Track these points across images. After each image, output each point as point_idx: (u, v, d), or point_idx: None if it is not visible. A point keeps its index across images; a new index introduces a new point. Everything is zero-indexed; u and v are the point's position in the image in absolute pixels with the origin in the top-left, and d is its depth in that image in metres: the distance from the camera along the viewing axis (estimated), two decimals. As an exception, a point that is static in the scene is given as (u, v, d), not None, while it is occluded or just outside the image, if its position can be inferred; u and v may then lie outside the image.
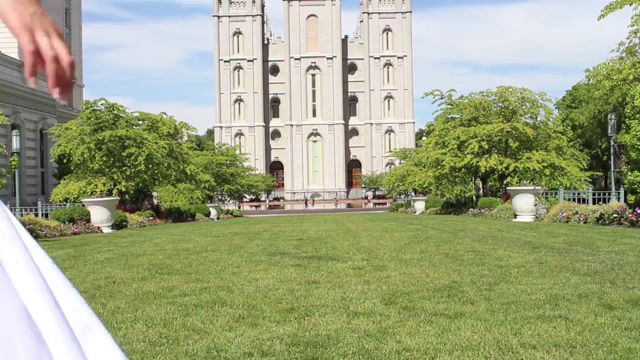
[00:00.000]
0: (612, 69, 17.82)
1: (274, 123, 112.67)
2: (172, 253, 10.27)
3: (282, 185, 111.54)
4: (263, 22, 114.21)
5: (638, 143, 25.98)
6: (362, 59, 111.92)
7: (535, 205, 21.09)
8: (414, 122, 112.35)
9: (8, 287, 1.07)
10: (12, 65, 40.02)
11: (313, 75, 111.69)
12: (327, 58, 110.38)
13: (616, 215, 16.11)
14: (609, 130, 29.88)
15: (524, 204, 21.11)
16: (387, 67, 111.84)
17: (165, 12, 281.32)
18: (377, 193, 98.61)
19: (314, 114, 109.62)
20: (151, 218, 27.50)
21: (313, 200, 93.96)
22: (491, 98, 31.14)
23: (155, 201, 39.30)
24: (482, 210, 27.07)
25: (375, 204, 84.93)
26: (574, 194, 26.08)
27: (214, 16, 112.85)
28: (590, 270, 6.69)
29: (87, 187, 29.11)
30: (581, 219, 17.63)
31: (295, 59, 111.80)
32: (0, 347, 1.02)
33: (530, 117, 31.31)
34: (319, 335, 3.93)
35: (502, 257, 8.27)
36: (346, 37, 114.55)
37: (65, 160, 31.58)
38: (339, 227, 17.87)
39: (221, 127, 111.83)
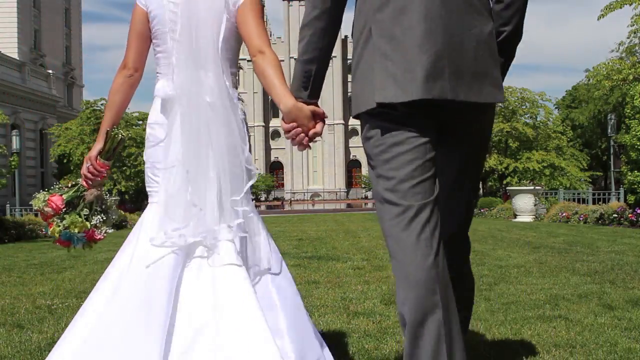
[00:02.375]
0: (612, 69, 17.84)
1: (274, 123, 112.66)
2: (172, 253, 10.25)
3: (282, 185, 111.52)
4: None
5: (638, 143, 25.98)
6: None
7: (535, 205, 21.08)
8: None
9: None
10: (12, 65, 39.99)
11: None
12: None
13: (616, 215, 16.11)
14: (609, 130, 29.83)
15: (524, 204, 21.11)
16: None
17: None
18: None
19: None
20: (151, 218, 27.50)
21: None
22: (491, 98, 31.13)
23: (155, 201, 39.34)
24: (481, 210, 27.05)
25: (375, 203, 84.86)
26: (573, 194, 26.06)
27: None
28: (590, 270, 6.69)
29: (87, 187, 29.15)
30: (581, 219, 17.62)
31: (295, 59, 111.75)
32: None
33: (530, 117, 31.34)
34: (319, 335, 3.93)
35: (502, 257, 8.26)
36: (346, 37, 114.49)
37: (65, 160, 31.59)
38: (339, 227, 17.86)
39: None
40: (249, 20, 2.47)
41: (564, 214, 18.77)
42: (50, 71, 45.64)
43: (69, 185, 2.69)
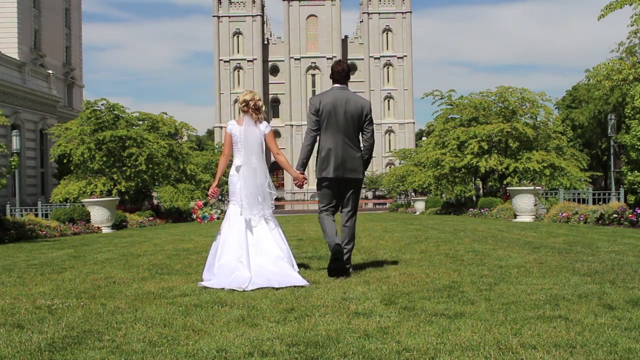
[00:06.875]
0: (612, 69, 17.81)
1: (274, 123, 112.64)
2: (172, 253, 10.28)
3: (282, 185, 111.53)
4: (263, 22, 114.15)
5: (638, 143, 25.96)
6: (362, 59, 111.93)
7: (535, 205, 21.07)
8: (414, 122, 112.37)
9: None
10: (12, 65, 39.98)
11: (313, 75, 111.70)
12: (327, 58, 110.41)
13: (616, 215, 16.10)
14: (609, 130, 29.85)
15: (524, 204, 21.10)
16: (387, 67, 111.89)
17: (165, 12, 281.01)
18: (377, 193, 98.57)
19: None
20: (151, 218, 27.47)
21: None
22: (491, 98, 31.06)
23: (155, 201, 39.27)
24: (482, 210, 27.06)
25: (375, 204, 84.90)
26: (574, 194, 26.06)
27: (213, 16, 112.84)
28: (590, 270, 6.69)
29: (87, 187, 29.04)
30: (581, 219, 17.62)
31: (295, 59, 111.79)
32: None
33: (530, 117, 31.23)
34: (319, 335, 3.94)
35: (502, 257, 8.27)
36: (346, 37, 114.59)
37: (65, 161, 31.49)
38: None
39: (221, 127, 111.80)
40: (271, 142, 6.70)
41: (564, 214, 18.77)
42: (50, 71, 45.62)
43: (202, 197, 6.32)
